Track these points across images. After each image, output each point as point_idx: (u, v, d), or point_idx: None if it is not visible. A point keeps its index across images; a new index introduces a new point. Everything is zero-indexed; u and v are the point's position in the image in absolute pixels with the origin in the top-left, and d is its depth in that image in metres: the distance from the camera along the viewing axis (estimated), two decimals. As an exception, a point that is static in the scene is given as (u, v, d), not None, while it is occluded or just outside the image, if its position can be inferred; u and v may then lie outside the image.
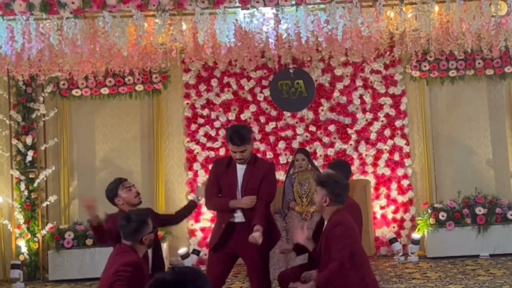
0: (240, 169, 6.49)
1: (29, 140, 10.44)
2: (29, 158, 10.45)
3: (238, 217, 6.48)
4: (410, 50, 8.91)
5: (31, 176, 10.48)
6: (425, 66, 10.73)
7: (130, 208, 6.25)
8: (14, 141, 10.48)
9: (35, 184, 10.49)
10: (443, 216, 10.30)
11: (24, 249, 10.37)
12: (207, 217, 10.69)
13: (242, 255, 6.54)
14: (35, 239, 10.43)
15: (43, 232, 10.43)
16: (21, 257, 10.31)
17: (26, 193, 10.46)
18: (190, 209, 6.91)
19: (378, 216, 10.83)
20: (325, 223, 5.84)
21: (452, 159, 10.90)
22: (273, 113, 10.95)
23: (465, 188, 10.54)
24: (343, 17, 7.26)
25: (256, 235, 6.14)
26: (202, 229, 10.81)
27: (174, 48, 8.30)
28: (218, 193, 6.62)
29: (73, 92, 10.71)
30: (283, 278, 6.63)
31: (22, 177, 10.45)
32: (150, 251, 5.96)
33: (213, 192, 6.64)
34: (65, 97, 10.76)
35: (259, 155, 10.70)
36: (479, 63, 10.73)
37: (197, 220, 10.78)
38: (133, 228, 5.34)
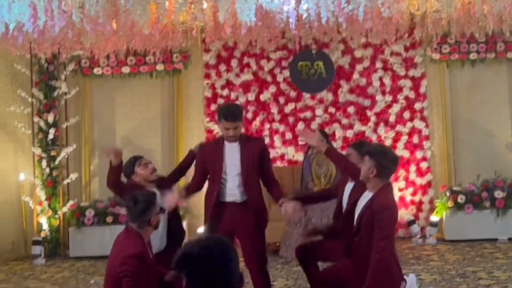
0: (231, 147, 6.41)
1: (50, 118, 10.56)
2: (50, 136, 10.57)
3: (233, 195, 6.43)
4: (431, 32, 8.87)
5: (52, 154, 10.60)
6: (445, 48, 10.70)
7: (147, 184, 6.35)
8: (36, 119, 10.59)
9: (57, 162, 10.61)
10: (461, 199, 10.30)
11: (45, 226, 10.52)
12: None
13: (239, 235, 6.46)
14: (56, 216, 10.57)
15: (64, 209, 10.57)
16: (42, 234, 10.46)
17: (47, 170, 10.59)
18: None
19: (397, 198, 10.82)
20: (370, 194, 5.70)
21: (472, 142, 10.88)
22: (293, 94, 10.98)
23: (484, 171, 10.51)
24: (364, -3, 7.28)
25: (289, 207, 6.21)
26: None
27: (194, 27, 8.34)
28: (200, 179, 6.59)
29: (95, 70, 10.82)
30: (300, 252, 6.62)
31: (44, 155, 10.57)
32: (164, 224, 6.04)
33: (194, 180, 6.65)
34: (87, 75, 10.86)
35: (277, 136, 10.77)
36: (500, 46, 10.68)
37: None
38: (140, 209, 5.32)
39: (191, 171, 6.81)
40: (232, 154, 6.40)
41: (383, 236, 5.40)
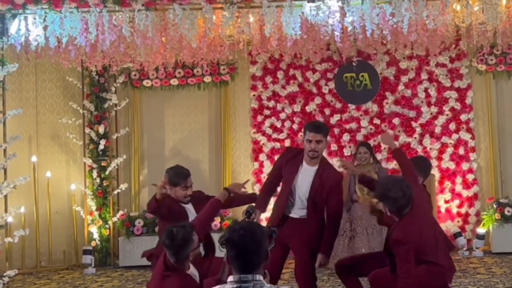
0: (307, 170, 6.57)
1: (101, 129, 10.76)
2: (101, 146, 10.75)
3: (296, 213, 6.62)
4: (477, 43, 8.87)
5: (103, 164, 10.79)
6: (491, 59, 10.66)
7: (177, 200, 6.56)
8: (87, 130, 10.80)
9: (107, 172, 10.79)
10: (508, 211, 10.24)
11: (95, 235, 10.67)
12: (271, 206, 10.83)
13: (292, 248, 6.67)
14: (106, 225, 10.73)
15: (114, 219, 10.73)
16: (93, 243, 10.61)
17: (98, 180, 10.77)
18: (248, 199, 6.94)
19: (443, 210, 10.81)
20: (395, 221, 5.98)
21: (518, 154, 10.81)
22: (338, 105, 11.03)
23: (531, 184, 10.47)
24: (408, 10, 7.32)
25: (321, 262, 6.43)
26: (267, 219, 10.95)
27: (241, 40, 8.49)
28: (272, 187, 6.85)
29: (144, 82, 11.00)
30: (338, 267, 6.77)
31: (95, 165, 10.76)
32: None
33: (266, 187, 6.94)
34: (136, 87, 11.05)
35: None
36: (547, 57, 10.62)
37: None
38: (177, 248, 5.24)
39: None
40: (305, 177, 6.56)
41: (401, 266, 5.68)
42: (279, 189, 6.90)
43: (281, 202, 6.67)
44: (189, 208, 6.61)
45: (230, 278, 3.92)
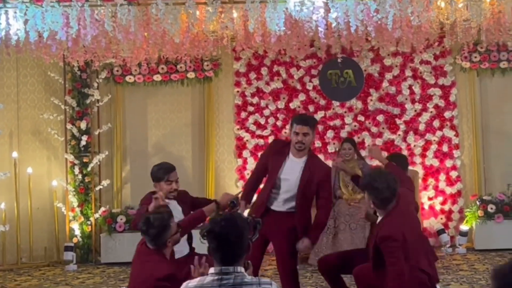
0: (294, 162, 6.53)
1: (83, 125, 10.68)
2: (83, 142, 10.69)
3: (278, 207, 6.57)
4: (461, 40, 8.87)
5: (85, 160, 10.72)
6: (475, 57, 10.68)
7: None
8: (69, 126, 10.72)
9: (89, 168, 10.72)
10: (491, 208, 10.26)
11: (77, 232, 10.61)
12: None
13: (273, 242, 6.64)
14: (88, 222, 10.67)
15: (96, 215, 10.66)
16: (74, 240, 10.56)
17: (80, 177, 10.70)
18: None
19: (426, 207, 10.83)
20: (378, 219, 5.91)
21: (502, 152, 10.82)
22: (322, 102, 11.01)
23: (514, 181, 10.49)
24: (393, 6, 7.29)
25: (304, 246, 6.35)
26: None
27: (225, 36, 8.43)
28: (258, 178, 6.81)
29: (127, 78, 10.93)
30: (321, 264, 6.74)
31: (76, 161, 10.69)
32: None
33: (251, 178, 6.91)
34: (119, 83, 10.98)
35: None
36: (531, 55, 10.65)
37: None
38: (154, 234, 5.21)
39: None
40: (292, 169, 6.51)
41: (391, 262, 5.60)
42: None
43: (264, 194, 6.61)
44: (174, 205, 6.51)
45: (211, 270, 3.99)
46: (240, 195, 6.60)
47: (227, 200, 6.36)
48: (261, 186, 6.94)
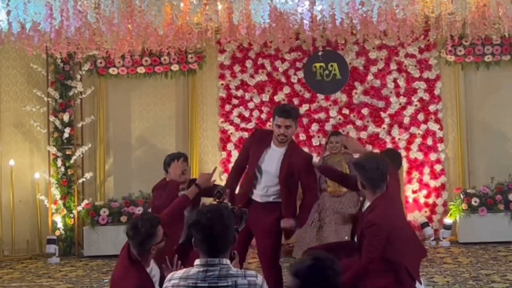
0: (274, 151, 6.50)
1: (66, 117, 10.62)
2: (66, 135, 10.63)
3: (261, 198, 6.54)
4: (446, 34, 8.85)
5: (67, 152, 10.66)
6: (460, 50, 10.69)
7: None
8: (52, 118, 10.66)
9: (72, 161, 10.67)
10: (475, 201, 10.29)
11: (60, 225, 10.58)
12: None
13: (255, 234, 6.57)
14: (71, 215, 10.63)
15: (79, 208, 10.62)
16: (57, 233, 10.52)
17: (62, 169, 10.65)
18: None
19: (410, 200, 10.84)
20: (366, 204, 5.84)
21: (486, 145, 10.86)
22: (307, 95, 10.99)
23: (498, 175, 10.50)
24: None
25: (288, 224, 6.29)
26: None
27: (209, 28, 8.37)
28: (241, 167, 6.76)
29: (110, 70, 10.88)
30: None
31: (59, 154, 10.64)
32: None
33: (235, 166, 6.89)
34: (102, 75, 10.92)
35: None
36: (515, 49, 10.67)
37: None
38: (139, 240, 5.08)
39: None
40: (273, 159, 6.47)
41: (368, 250, 5.50)
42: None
43: (245, 185, 6.58)
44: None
45: (197, 262, 3.97)
46: (215, 171, 6.65)
47: (205, 180, 6.31)
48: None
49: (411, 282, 5.70)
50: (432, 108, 10.85)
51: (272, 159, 6.48)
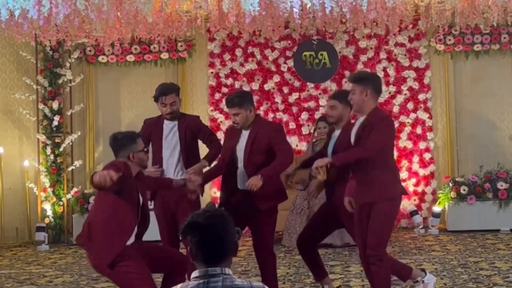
0: (244, 135, 6.45)
1: (55, 105, 10.60)
2: (55, 123, 10.61)
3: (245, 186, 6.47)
4: (435, 23, 8.88)
5: (57, 140, 10.64)
6: (449, 39, 10.70)
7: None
8: (41, 106, 10.64)
9: (61, 149, 10.65)
10: (464, 190, 10.33)
11: (49, 212, 10.57)
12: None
13: (248, 224, 6.48)
14: (60, 202, 10.63)
15: (68, 196, 10.62)
16: (46, 220, 10.51)
17: (52, 157, 10.64)
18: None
19: (399, 188, 10.86)
20: (361, 119, 5.86)
21: (475, 134, 10.90)
22: (297, 84, 11.00)
23: (487, 163, 10.54)
24: (368, -12, 7.29)
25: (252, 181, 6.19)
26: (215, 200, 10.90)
27: (199, 16, 8.36)
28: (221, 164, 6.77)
29: (99, 58, 10.85)
30: (300, 243, 6.71)
31: (48, 142, 10.62)
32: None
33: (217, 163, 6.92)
34: (91, 63, 10.90)
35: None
36: (504, 38, 10.67)
37: (220, 189, 10.87)
38: (119, 144, 5.56)
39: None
40: (243, 142, 6.45)
41: (373, 139, 5.62)
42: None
43: (228, 177, 6.57)
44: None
45: (195, 274, 3.37)
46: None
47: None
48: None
49: (403, 189, 6.02)
50: (421, 97, 10.87)
51: (242, 142, 6.44)
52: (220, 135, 10.85)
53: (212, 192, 10.90)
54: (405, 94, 10.89)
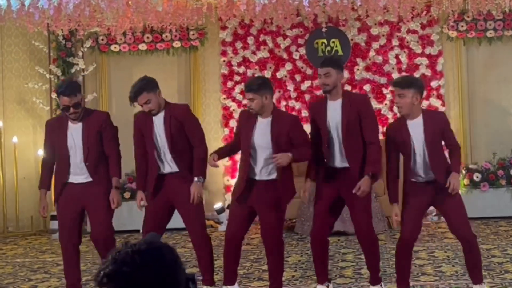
0: (262, 124, 6.52)
1: (68, 94, 10.64)
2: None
3: (261, 176, 6.55)
4: (447, 9, 8.83)
5: (70, 130, 10.69)
6: (462, 26, 10.64)
7: None
8: (54, 95, 10.66)
9: (75, 138, 10.70)
10: (477, 177, 10.30)
11: (63, 201, 10.62)
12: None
13: (258, 212, 6.61)
14: (74, 191, 10.67)
15: (82, 184, 10.66)
16: (61, 209, 10.57)
17: (65, 146, 10.68)
18: None
19: (412, 175, 10.84)
20: (418, 120, 6.26)
21: (488, 121, 10.84)
22: (309, 71, 10.98)
23: (500, 150, 10.49)
24: (378, -26, 7.26)
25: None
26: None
27: (206, 4, 8.36)
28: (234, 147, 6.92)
29: (112, 47, 10.88)
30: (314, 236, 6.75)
31: (62, 131, 10.66)
32: None
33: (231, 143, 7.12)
34: (104, 52, 10.93)
35: (294, 113, 10.76)
36: (517, 24, 10.62)
37: (233, 176, 10.92)
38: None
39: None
40: (262, 130, 6.51)
41: (454, 136, 6.64)
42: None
43: (243, 166, 6.62)
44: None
45: None
46: None
47: None
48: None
49: None
50: (434, 84, 10.83)
51: (262, 131, 6.49)
52: (233, 123, 10.94)
53: (226, 180, 10.93)
54: (418, 81, 10.84)
